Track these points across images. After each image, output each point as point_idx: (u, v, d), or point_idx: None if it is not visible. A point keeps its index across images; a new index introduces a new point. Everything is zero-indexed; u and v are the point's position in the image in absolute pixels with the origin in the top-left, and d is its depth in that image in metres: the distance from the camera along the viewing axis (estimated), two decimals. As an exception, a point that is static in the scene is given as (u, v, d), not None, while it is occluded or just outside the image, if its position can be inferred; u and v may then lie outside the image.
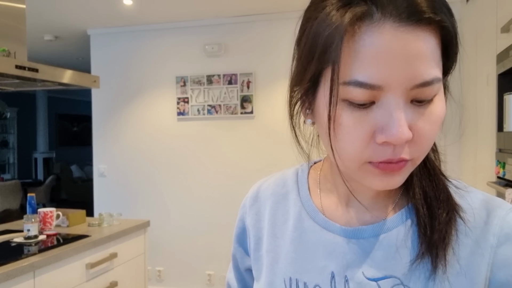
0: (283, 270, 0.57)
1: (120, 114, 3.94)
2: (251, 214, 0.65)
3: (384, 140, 0.44)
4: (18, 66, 1.85)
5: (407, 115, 0.44)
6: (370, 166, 0.47)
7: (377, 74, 0.42)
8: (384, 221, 0.54)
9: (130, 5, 3.28)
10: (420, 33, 0.42)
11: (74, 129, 9.73)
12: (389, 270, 0.52)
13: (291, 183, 0.64)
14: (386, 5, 0.42)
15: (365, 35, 0.42)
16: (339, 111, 0.45)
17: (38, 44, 4.44)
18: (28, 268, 1.71)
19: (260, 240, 0.63)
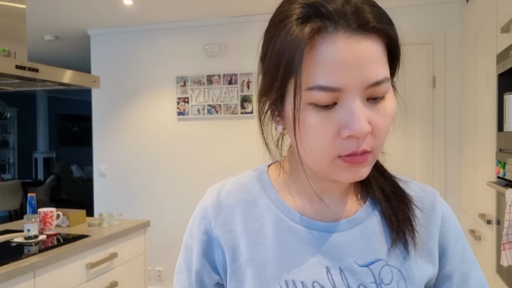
0: (275, 275, 0.58)
1: (120, 114, 3.94)
2: (218, 225, 0.63)
3: (348, 134, 0.50)
4: (18, 66, 1.85)
5: (365, 111, 0.51)
6: (339, 161, 0.53)
7: (336, 78, 0.49)
8: (357, 214, 0.62)
9: (130, 5, 3.28)
10: (368, 41, 0.50)
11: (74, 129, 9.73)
12: (375, 254, 0.59)
13: (255, 187, 0.65)
14: (337, 20, 0.49)
15: (322, 45, 0.49)
16: (306, 115, 0.51)
17: (38, 44, 4.44)
18: (28, 268, 1.71)
19: (236, 250, 0.61)
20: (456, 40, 3.06)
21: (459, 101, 3.05)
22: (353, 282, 0.57)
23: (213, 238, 0.62)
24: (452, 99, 3.09)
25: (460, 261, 0.63)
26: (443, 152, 3.11)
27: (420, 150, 3.16)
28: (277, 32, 0.53)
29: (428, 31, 3.13)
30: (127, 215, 3.79)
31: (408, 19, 3.18)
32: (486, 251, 2.18)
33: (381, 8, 0.54)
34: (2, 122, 8.08)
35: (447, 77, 3.10)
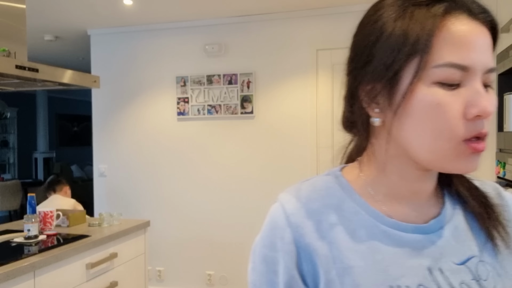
0: (378, 282, 0.55)
1: (120, 114, 3.94)
2: (307, 233, 0.57)
3: (477, 112, 0.50)
4: (18, 66, 1.85)
5: None
6: (463, 146, 0.52)
7: (466, 56, 0.50)
8: (443, 213, 0.61)
9: (130, 5, 3.28)
10: (484, 28, 0.52)
11: (74, 129, 9.74)
12: (468, 251, 0.58)
13: (336, 192, 0.60)
14: (461, 5, 0.52)
15: (453, 25, 0.51)
16: (431, 93, 0.51)
17: (38, 44, 4.44)
18: (28, 268, 1.71)
19: (329, 258, 0.56)
20: (456, 40, 3.06)
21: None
22: (455, 281, 0.56)
23: (301, 248, 0.56)
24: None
25: None
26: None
27: (420, 150, 3.16)
28: (389, 17, 0.53)
29: (428, 31, 3.13)
30: (127, 215, 3.78)
31: (408, 19, 3.18)
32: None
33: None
34: (2, 122, 8.08)
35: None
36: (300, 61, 3.45)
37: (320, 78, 3.40)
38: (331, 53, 3.36)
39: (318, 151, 3.40)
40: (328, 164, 3.10)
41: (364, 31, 0.56)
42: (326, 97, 3.37)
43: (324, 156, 3.38)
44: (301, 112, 3.46)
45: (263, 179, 3.56)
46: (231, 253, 3.64)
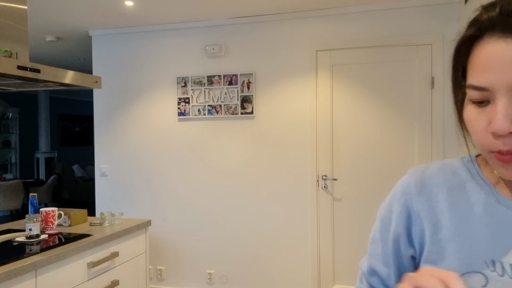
0: (482, 253, 0.60)
1: (122, 114, 3.96)
2: (421, 201, 0.67)
3: (490, 131, 0.54)
4: (20, 67, 1.87)
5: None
6: (492, 155, 0.57)
7: (482, 79, 0.54)
8: None
9: (132, 6, 3.30)
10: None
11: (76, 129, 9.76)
12: None
13: (462, 172, 0.68)
14: (490, 26, 0.54)
15: (475, 49, 0.56)
16: (466, 110, 0.59)
17: (40, 45, 4.47)
18: (30, 267, 1.73)
19: (438, 225, 0.65)
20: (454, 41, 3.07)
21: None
22: None
23: (412, 212, 0.67)
24: (450, 99, 3.08)
25: None
26: (441, 153, 3.12)
27: (419, 151, 3.17)
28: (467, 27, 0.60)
29: (427, 32, 3.15)
30: (128, 215, 3.81)
31: (407, 20, 3.19)
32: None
33: None
34: (4, 122, 8.11)
35: (446, 77, 3.11)
36: (300, 61, 3.47)
37: (320, 79, 3.41)
38: (330, 54, 3.37)
39: (318, 151, 3.41)
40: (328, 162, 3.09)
41: None
42: (325, 97, 3.38)
43: (323, 156, 3.40)
44: (301, 112, 3.48)
45: (263, 179, 3.58)
46: (232, 252, 3.66)
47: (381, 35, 3.25)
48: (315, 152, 3.42)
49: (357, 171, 3.33)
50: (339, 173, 3.38)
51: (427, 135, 3.15)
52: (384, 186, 3.24)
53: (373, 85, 3.28)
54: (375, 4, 3.22)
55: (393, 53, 3.22)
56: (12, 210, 6.35)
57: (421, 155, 3.16)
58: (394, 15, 3.23)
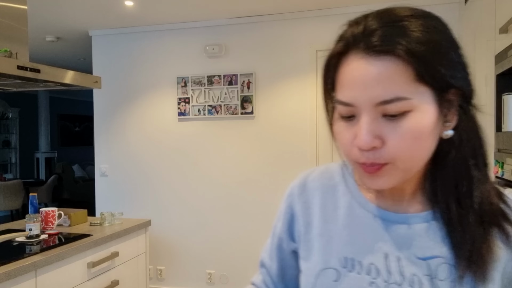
0: (338, 251, 0.66)
1: (122, 114, 3.96)
2: (300, 202, 0.74)
3: (356, 145, 0.57)
4: (20, 67, 1.87)
5: (376, 126, 0.56)
6: (357, 165, 0.60)
7: (348, 95, 0.57)
8: (426, 213, 0.63)
9: (132, 6, 3.30)
10: (380, 61, 0.54)
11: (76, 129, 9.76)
12: (436, 251, 0.61)
13: (337, 176, 0.74)
14: (355, 43, 0.56)
15: (343, 66, 0.58)
16: (336, 123, 0.62)
17: (40, 45, 4.46)
18: (30, 267, 1.72)
19: (310, 225, 0.72)
20: (455, 41, 3.07)
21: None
22: (407, 271, 0.61)
23: (294, 212, 0.75)
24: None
25: None
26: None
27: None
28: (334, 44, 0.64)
29: (428, 32, 3.14)
30: (128, 215, 3.80)
31: (408, 19, 3.18)
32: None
33: (399, 28, 0.54)
34: (4, 122, 8.10)
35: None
36: (299, 61, 3.46)
37: (320, 79, 3.40)
38: (331, 53, 3.36)
39: (318, 150, 3.41)
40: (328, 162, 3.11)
41: None
42: (326, 97, 3.38)
43: (323, 156, 3.39)
44: (301, 112, 3.47)
45: (263, 179, 3.57)
46: (232, 252, 3.66)
47: (382, 35, 3.24)
48: (315, 152, 3.42)
49: (357, 171, 3.32)
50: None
51: (428, 135, 3.15)
52: (384, 186, 3.23)
53: (373, 85, 3.28)
54: (375, 4, 3.20)
55: (393, 53, 3.21)
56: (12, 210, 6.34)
57: (421, 155, 3.16)
58: (395, 15, 3.22)
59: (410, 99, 0.54)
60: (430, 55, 0.54)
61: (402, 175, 0.58)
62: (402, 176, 0.59)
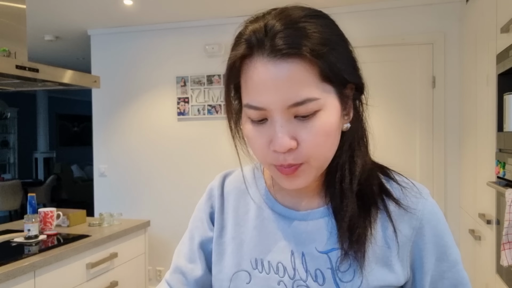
0: (248, 253, 0.68)
1: (121, 114, 3.94)
2: (217, 205, 0.76)
3: (272, 149, 0.57)
4: (18, 66, 1.86)
5: (290, 128, 0.57)
6: (274, 168, 0.61)
7: (258, 99, 0.56)
8: (323, 208, 0.67)
9: (131, 5, 3.29)
10: (286, 64, 0.54)
11: (75, 129, 9.74)
12: (334, 244, 0.64)
13: (249, 179, 0.76)
14: (259, 47, 0.56)
15: (248, 70, 0.57)
16: (245, 127, 0.61)
17: (39, 44, 4.45)
18: (29, 268, 1.71)
19: (224, 229, 0.73)
20: (456, 40, 3.06)
21: (459, 101, 3.06)
22: (311, 266, 0.63)
23: (212, 214, 0.76)
24: (452, 99, 3.09)
25: (437, 260, 0.65)
26: (443, 152, 3.11)
27: (420, 150, 3.16)
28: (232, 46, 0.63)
29: (428, 31, 3.13)
30: (127, 215, 3.79)
31: (408, 19, 3.18)
32: (486, 251, 2.18)
33: (301, 29, 0.56)
34: (3, 122, 8.08)
35: (447, 77, 3.10)
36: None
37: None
38: (331, 53, 3.36)
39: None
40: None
41: None
42: (326, 97, 3.37)
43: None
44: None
45: (263, 179, 3.56)
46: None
47: (382, 35, 3.23)
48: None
49: (357, 171, 3.31)
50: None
51: (428, 134, 3.14)
52: (384, 186, 3.23)
53: (373, 84, 3.24)
54: (376, 3, 3.21)
55: (394, 52, 3.21)
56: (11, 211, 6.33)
57: (422, 154, 3.15)
58: (395, 14, 3.21)
59: (319, 99, 0.56)
60: (330, 54, 0.56)
61: (316, 173, 0.61)
62: (316, 174, 0.61)
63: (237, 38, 0.61)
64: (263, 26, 0.57)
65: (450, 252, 0.66)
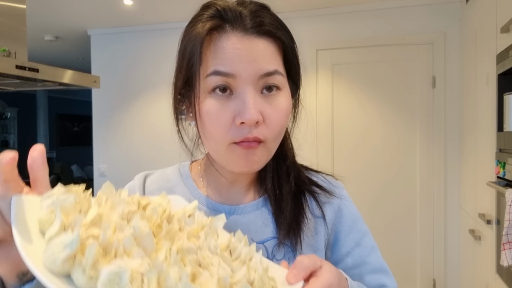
0: None
1: (121, 114, 3.94)
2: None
3: (240, 121, 0.57)
4: (18, 66, 1.85)
5: (258, 102, 0.58)
6: (234, 146, 0.60)
7: (229, 65, 0.57)
8: (257, 201, 0.70)
9: (131, 5, 3.29)
10: (261, 40, 0.59)
11: (75, 129, 9.74)
12: (270, 234, 0.67)
13: (175, 178, 0.77)
14: (234, 21, 0.59)
15: (219, 40, 0.58)
16: (206, 102, 0.59)
17: (39, 44, 4.45)
18: (29, 268, 1.71)
19: None
20: (456, 40, 3.06)
21: (459, 101, 3.06)
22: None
23: None
24: (452, 99, 3.09)
25: (355, 245, 0.71)
26: (443, 152, 3.11)
27: (420, 150, 3.16)
28: (187, 31, 0.63)
29: (428, 31, 3.13)
30: (127, 215, 3.78)
31: (408, 19, 3.18)
32: (486, 251, 2.18)
33: (278, 17, 0.64)
34: (2, 122, 8.08)
35: (447, 77, 3.10)
36: (300, 61, 3.45)
37: (320, 78, 3.40)
38: (331, 53, 3.36)
39: (318, 150, 3.40)
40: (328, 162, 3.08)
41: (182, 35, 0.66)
42: (326, 96, 3.37)
43: (323, 155, 3.38)
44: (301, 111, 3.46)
45: (263, 179, 3.56)
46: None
47: (382, 34, 3.23)
48: (315, 152, 3.41)
49: (357, 170, 3.31)
50: (339, 172, 3.36)
51: (428, 134, 3.14)
52: (385, 185, 3.23)
53: (374, 84, 3.27)
54: (376, 3, 3.21)
55: (394, 52, 3.21)
56: (11, 210, 6.32)
57: (422, 154, 3.15)
58: (395, 14, 3.21)
59: (284, 76, 0.62)
60: (293, 45, 0.64)
61: (267, 158, 0.63)
62: (268, 157, 0.63)
63: (204, 11, 0.62)
64: (237, 5, 0.60)
65: (367, 238, 0.72)
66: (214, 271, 0.44)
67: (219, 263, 0.47)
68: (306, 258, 0.51)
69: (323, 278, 0.49)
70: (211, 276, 0.43)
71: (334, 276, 0.51)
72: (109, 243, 0.41)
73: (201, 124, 0.61)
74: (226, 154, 0.61)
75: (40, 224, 0.42)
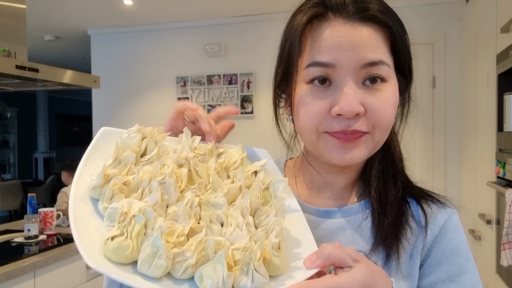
0: None
1: (121, 114, 3.94)
2: None
3: (337, 112, 0.52)
4: (18, 66, 1.85)
5: (359, 93, 0.53)
6: (327, 136, 0.55)
7: (330, 55, 0.53)
8: (351, 207, 0.63)
9: (131, 5, 3.28)
10: (365, 27, 0.54)
11: (75, 129, 9.74)
12: (357, 245, 0.59)
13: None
14: (337, 8, 0.55)
15: (320, 29, 0.55)
16: (303, 93, 0.55)
17: (39, 44, 4.45)
18: (29, 268, 1.71)
19: None
20: (456, 40, 3.06)
21: (459, 101, 3.05)
22: None
23: None
24: (452, 99, 3.09)
25: (447, 279, 0.59)
26: (443, 152, 3.11)
27: (420, 150, 3.16)
28: (290, 22, 0.60)
29: (428, 31, 3.13)
30: (127, 215, 3.79)
31: (408, 19, 3.16)
32: (486, 251, 2.18)
33: (387, 4, 0.58)
34: (3, 122, 8.08)
35: (447, 77, 3.10)
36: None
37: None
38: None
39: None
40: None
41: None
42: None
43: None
44: (301, 112, 3.47)
45: (263, 179, 3.56)
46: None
47: (382, 35, 3.23)
48: (315, 152, 3.41)
49: (357, 171, 3.31)
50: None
51: (428, 134, 3.14)
52: (384, 186, 3.23)
53: (373, 84, 3.27)
54: (376, 3, 3.21)
55: (393, 52, 3.21)
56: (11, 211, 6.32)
57: (422, 154, 3.15)
58: (395, 15, 3.21)
59: (390, 66, 0.55)
60: (403, 33, 0.58)
61: (372, 149, 0.57)
62: (372, 151, 0.57)
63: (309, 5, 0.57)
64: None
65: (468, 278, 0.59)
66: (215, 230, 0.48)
67: (237, 225, 0.49)
68: (331, 246, 0.47)
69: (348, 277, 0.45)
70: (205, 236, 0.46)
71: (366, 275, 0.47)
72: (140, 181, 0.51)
73: (296, 114, 0.57)
74: (319, 143, 0.56)
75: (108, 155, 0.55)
